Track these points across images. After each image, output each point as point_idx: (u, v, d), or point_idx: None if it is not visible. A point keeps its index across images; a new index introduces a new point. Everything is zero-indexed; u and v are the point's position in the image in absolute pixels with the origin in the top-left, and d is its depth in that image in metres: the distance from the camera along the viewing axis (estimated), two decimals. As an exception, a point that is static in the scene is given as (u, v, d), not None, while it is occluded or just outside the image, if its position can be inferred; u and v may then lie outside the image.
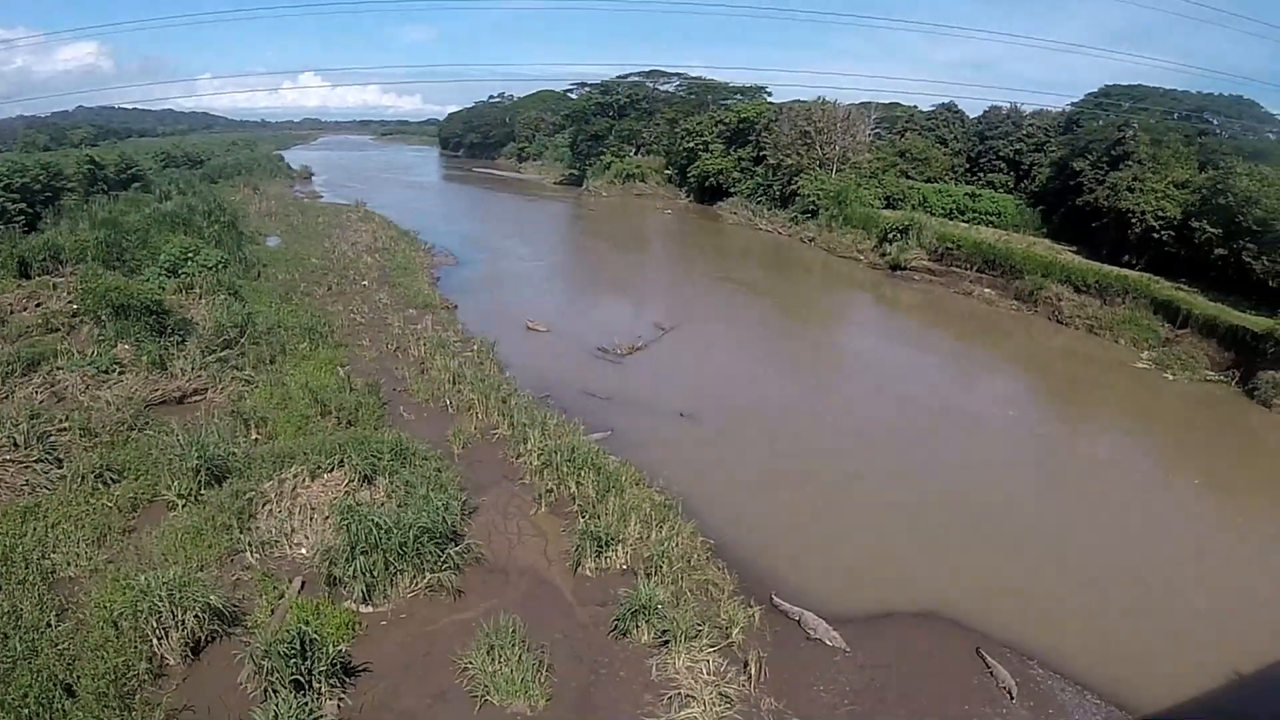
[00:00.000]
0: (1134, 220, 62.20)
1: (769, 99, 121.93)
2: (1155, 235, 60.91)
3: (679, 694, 17.38)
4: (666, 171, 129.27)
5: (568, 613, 20.58)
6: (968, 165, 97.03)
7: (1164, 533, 28.46)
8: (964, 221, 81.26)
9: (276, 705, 14.99)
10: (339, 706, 16.43)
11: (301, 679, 15.97)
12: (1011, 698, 18.83)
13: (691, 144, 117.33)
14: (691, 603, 20.43)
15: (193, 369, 33.54)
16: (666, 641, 18.86)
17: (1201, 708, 19.29)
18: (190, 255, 46.29)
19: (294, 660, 15.93)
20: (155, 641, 17.18)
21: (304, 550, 21.90)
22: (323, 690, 16.26)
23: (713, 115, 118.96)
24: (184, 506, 23.23)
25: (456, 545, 21.62)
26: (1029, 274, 60.74)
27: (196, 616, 17.51)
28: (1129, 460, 35.76)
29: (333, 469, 25.36)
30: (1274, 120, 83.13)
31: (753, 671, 18.37)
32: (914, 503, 28.94)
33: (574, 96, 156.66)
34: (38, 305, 40.82)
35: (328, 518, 22.51)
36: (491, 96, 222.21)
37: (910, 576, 24.03)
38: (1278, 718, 19.38)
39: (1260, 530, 29.30)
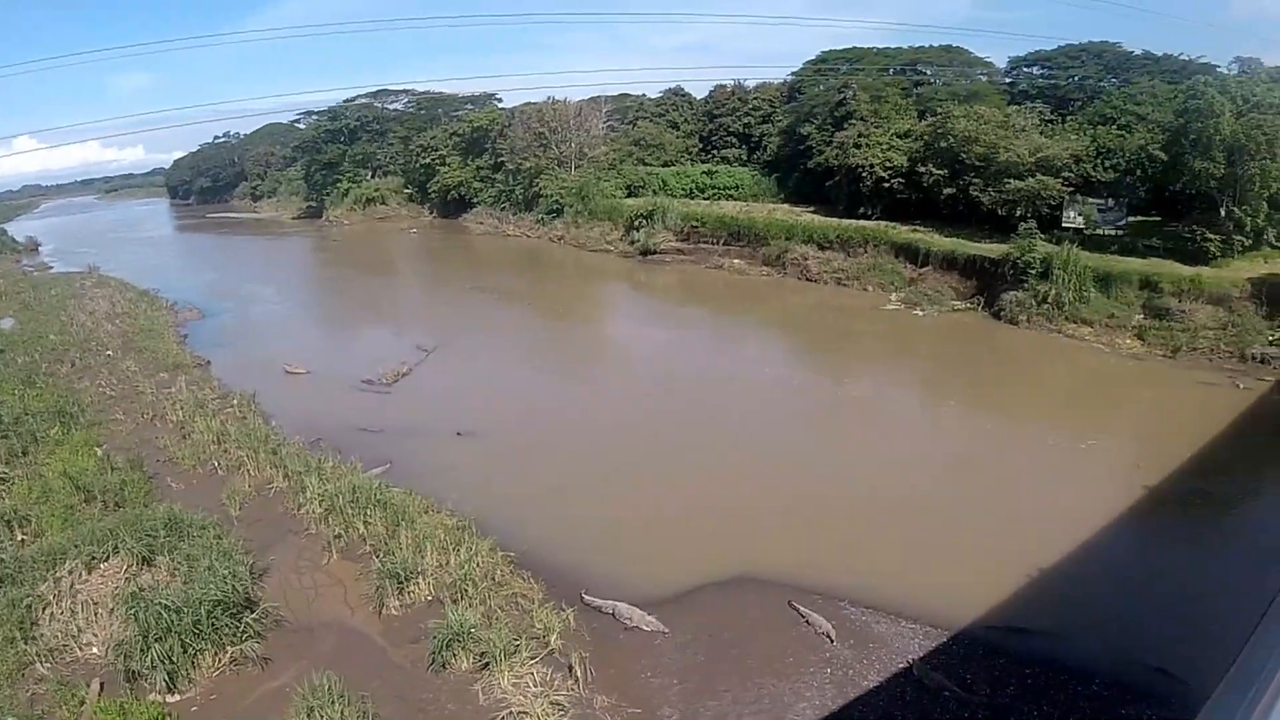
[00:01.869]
0: (864, 174, 66.86)
1: (500, 105, 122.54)
2: (886, 185, 65.95)
3: (511, 713, 17.37)
4: (407, 190, 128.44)
5: (382, 657, 20.05)
6: (701, 145, 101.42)
7: (936, 455, 31.58)
8: (705, 199, 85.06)
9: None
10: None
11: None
12: (831, 640, 20.07)
13: (428, 159, 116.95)
14: (504, 619, 20.43)
15: (-62, 477, 30.88)
16: (487, 664, 18.69)
17: (1006, 611, 21.14)
18: (-90, 356, 42.22)
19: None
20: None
21: (95, 649, 20.40)
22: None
23: (446, 128, 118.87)
24: (-42, 628, 21.65)
25: (252, 612, 20.48)
26: (773, 240, 64.92)
27: (-8, 744, 16.49)
28: (892, 395, 39.20)
29: (108, 557, 23.48)
30: (983, 63, 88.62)
31: (579, 673, 18.56)
32: (698, 475, 30.32)
33: (302, 127, 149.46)
34: None
35: (113, 610, 21.15)
36: (216, 137, 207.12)
37: (710, 546, 25.04)
38: (1076, 610, 21.40)
39: (1023, 436, 32.91)
